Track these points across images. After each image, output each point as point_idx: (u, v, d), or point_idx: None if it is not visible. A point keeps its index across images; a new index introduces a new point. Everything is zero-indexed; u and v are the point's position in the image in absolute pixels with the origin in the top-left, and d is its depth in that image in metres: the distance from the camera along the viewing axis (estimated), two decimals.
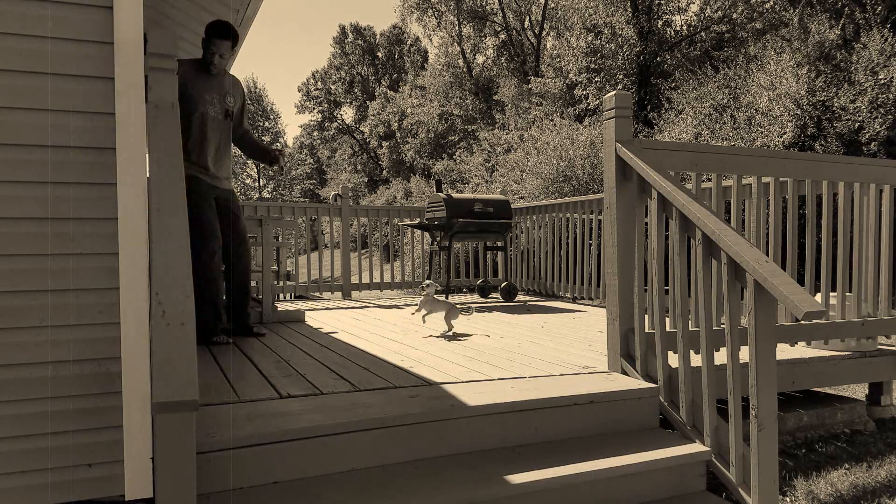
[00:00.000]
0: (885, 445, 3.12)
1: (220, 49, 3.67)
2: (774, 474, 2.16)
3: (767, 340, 2.14)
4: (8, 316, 1.80)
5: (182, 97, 3.62)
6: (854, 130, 9.89)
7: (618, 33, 19.08)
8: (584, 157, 11.58)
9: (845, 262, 3.34)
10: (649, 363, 2.73)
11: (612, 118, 2.89)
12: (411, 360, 3.18)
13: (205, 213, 3.70)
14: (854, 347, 3.39)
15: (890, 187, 3.50)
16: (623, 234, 2.84)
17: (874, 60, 10.14)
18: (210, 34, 3.66)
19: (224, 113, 3.82)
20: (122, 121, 1.87)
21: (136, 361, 1.82)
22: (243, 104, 4.06)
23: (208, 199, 3.74)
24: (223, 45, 3.68)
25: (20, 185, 1.82)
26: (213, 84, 3.76)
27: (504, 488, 2.01)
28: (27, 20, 1.82)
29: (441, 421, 2.23)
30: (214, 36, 3.66)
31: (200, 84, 3.70)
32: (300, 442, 2.04)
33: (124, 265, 1.85)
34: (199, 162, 3.72)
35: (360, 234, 7.82)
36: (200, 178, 3.72)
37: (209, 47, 3.66)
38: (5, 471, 1.79)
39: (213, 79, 3.77)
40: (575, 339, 3.92)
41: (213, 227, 3.73)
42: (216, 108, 3.77)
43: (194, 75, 3.68)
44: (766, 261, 2.14)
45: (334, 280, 7.43)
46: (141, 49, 1.91)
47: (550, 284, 6.79)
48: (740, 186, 3.20)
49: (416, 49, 39.82)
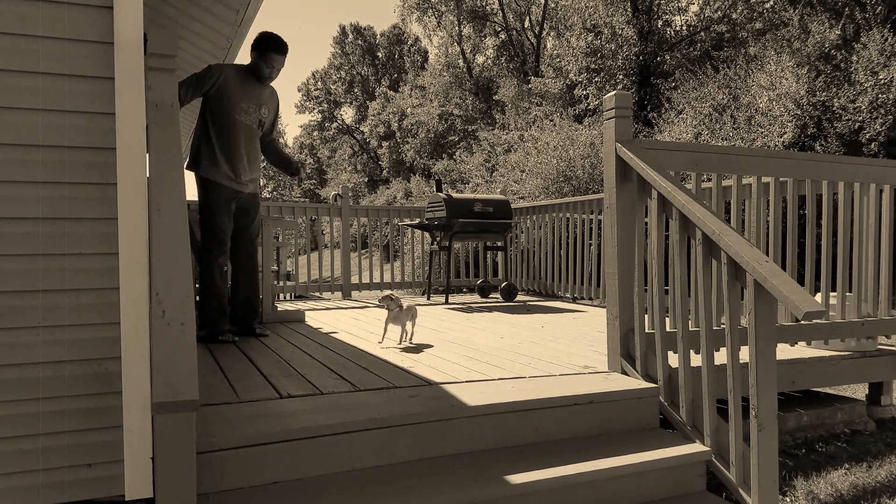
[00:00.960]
0: (885, 445, 3.12)
1: (279, 64, 3.80)
2: (774, 474, 2.16)
3: (767, 340, 2.15)
4: (8, 316, 1.80)
5: (218, 100, 3.66)
6: (854, 131, 9.89)
7: (618, 33, 19.07)
8: (584, 157, 11.58)
9: (845, 262, 3.34)
10: (649, 363, 2.73)
11: (612, 118, 2.89)
12: (411, 360, 3.18)
13: (219, 218, 3.74)
14: (854, 347, 3.39)
15: (890, 187, 3.50)
16: (623, 234, 2.84)
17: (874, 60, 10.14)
18: (269, 49, 3.75)
19: (258, 123, 3.88)
20: (122, 121, 1.87)
21: (136, 361, 1.82)
22: (276, 115, 4.11)
23: (227, 205, 3.77)
24: (281, 61, 3.80)
25: (20, 185, 1.82)
26: (252, 93, 3.81)
27: (504, 488, 2.01)
28: (27, 20, 1.82)
29: (441, 421, 2.23)
30: (274, 51, 3.76)
31: (239, 91, 3.75)
32: (300, 442, 2.04)
33: (124, 265, 1.85)
34: (226, 168, 3.75)
35: (360, 234, 7.82)
36: (224, 185, 3.74)
37: (267, 62, 3.76)
38: (5, 471, 1.79)
39: (252, 88, 3.82)
40: (575, 338, 3.92)
41: (225, 232, 3.77)
42: (251, 118, 3.81)
43: (235, 82, 3.74)
44: (765, 261, 2.14)
45: (334, 280, 7.43)
46: (141, 49, 1.91)
47: (550, 284, 6.79)
48: (740, 186, 3.20)
49: (416, 49, 39.81)
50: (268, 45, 3.75)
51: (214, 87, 3.67)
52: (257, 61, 3.79)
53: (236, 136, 3.74)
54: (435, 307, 5.93)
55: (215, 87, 3.67)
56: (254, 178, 3.95)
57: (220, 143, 3.71)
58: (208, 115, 3.72)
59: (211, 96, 3.69)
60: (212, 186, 3.72)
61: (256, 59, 3.79)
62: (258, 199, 4.03)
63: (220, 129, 3.70)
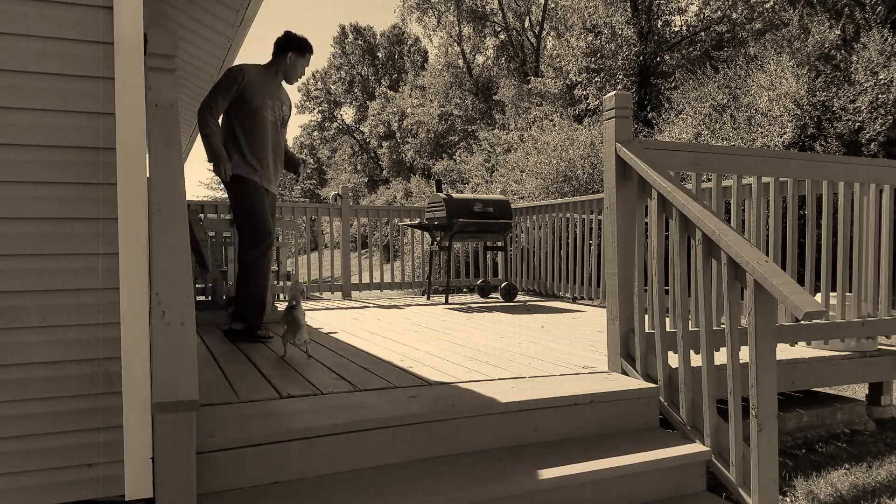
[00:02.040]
0: (885, 445, 3.12)
1: (307, 63, 3.94)
2: (774, 474, 2.16)
3: (767, 340, 2.15)
4: (8, 316, 1.80)
5: (243, 100, 3.72)
6: (854, 131, 9.89)
7: (618, 33, 19.07)
8: (584, 158, 11.58)
9: (845, 262, 3.34)
10: (649, 363, 2.73)
11: (612, 118, 2.89)
12: (411, 360, 3.18)
13: (260, 211, 3.76)
14: (854, 347, 3.39)
15: (890, 187, 3.50)
16: (623, 234, 2.84)
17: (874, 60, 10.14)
18: (305, 49, 3.87)
19: (281, 120, 3.92)
20: (122, 121, 1.87)
21: (136, 361, 1.82)
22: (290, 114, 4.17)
23: (262, 198, 3.79)
24: (308, 60, 3.93)
25: (20, 185, 1.82)
26: (274, 91, 3.86)
27: (504, 488, 2.01)
28: (27, 20, 1.82)
29: (441, 421, 2.23)
30: (308, 52, 3.89)
31: (263, 89, 3.79)
32: (300, 442, 2.04)
33: (124, 265, 1.85)
34: (255, 164, 3.77)
35: (360, 234, 7.82)
36: (253, 180, 3.76)
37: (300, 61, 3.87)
38: (5, 471, 1.79)
39: (274, 86, 3.87)
40: (575, 339, 3.92)
41: (266, 223, 3.78)
42: (275, 114, 3.86)
43: (257, 80, 3.77)
44: (765, 261, 2.14)
45: (334, 280, 7.43)
46: (141, 49, 1.91)
47: (550, 284, 6.79)
48: (740, 186, 3.20)
49: (416, 49, 39.78)
50: (305, 45, 3.87)
51: (239, 88, 3.71)
52: (288, 61, 3.85)
53: (264, 135, 3.78)
54: (435, 307, 5.93)
55: (240, 88, 3.72)
56: (277, 179, 4.00)
57: (248, 142, 3.74)
58: (234, 118, 3.75)
59: (236, 98, 3.73)
60: (246, 183, 3.74)
61: (291, 59, 3.85)
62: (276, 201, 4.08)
63: (247, 129, 3.74)
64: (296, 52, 3.86)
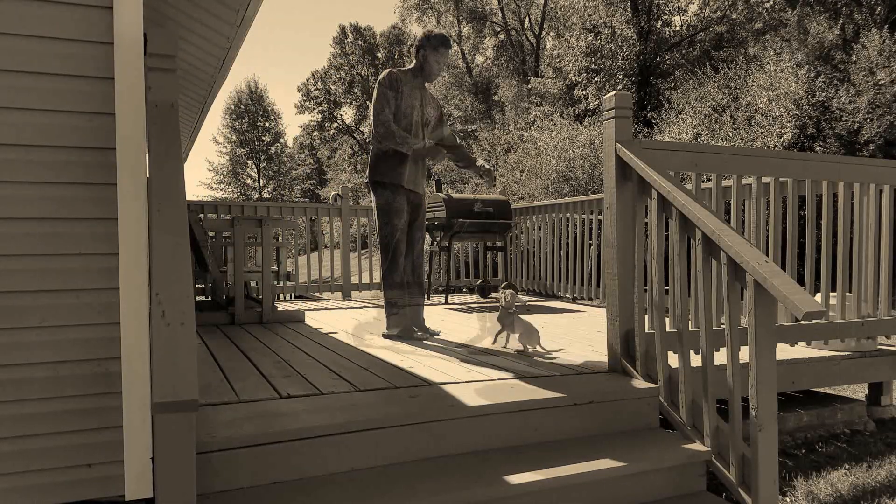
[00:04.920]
0: (885, 445, 3.12)
1: (442, 57, 3.89)
2: (774, 474, 2.16)
3: (767, 340, 2.15)
4: (8, 316, 1.80)
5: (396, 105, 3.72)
6: (853, 131, 9.90)
7: (618, 33, 19.08)
8: (584, 158, 11.58)
9: (845, 262, 3.34)
10: (649, 363, 2.73)
11: (611, 118, 2.89)
12: (411, 360, 3.18)
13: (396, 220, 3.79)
14: (854, 347, 3.39)
15: (890, 187, 3.50)
16: (623, 234, 2.84)
17: (873, 61, 10.15)
18: (445, 44, 3.85)
19: (424, 122, 3.91)
20: (122, 121, 1.87)
21: (136, 361, 1.82)
22: (441, 113, 4.13)
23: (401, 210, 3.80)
24: (442, 54, 3.88)
25: (20, 185, 1.82)
26: (418, 94, 3.87)
27: (504, 488, 2.01)
28: (27, 20, 1.82)
29: (441, 421, 2.23)
30: (445, 47, 3.86)
31: (410, 92, 3.80)
32: (300, 442, 2.04)
33: (124, 265, 1.85)
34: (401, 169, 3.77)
35: (360, 234, 7.82)
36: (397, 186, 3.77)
37: (438, 58, 3.85)
38: (5, 471, 1.79)
39: (419, 89, 3.88)
40: (575, 339, 3.92)
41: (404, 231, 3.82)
42: (419, 116, 3.86)
43: (407, 83, 3.79)
44: (765, 261, 2.14)
45: (334, 280, 7.42)
46: (141, 49, 1.91)
47: (550, 284, 6.78)
48: (740, 186, 3.20)
49: None
50: (443, 40, 3.85)
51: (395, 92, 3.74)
52: (429, 59, 3.84)
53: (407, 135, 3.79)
54: (434, 307, 5.92)
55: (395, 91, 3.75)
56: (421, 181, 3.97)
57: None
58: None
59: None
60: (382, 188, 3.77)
61: (431, 57, 3.84)
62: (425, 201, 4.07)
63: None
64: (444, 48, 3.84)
